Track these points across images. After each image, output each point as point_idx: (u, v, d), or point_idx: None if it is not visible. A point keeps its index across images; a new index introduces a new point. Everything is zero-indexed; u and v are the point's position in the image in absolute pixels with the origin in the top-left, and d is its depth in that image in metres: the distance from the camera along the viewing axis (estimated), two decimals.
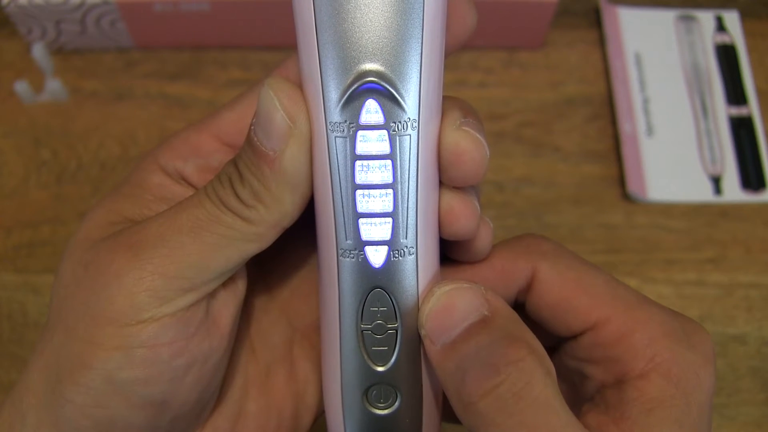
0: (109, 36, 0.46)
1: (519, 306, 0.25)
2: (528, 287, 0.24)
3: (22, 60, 0.47)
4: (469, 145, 0.21)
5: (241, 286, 0.23)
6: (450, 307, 0.21)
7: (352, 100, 0.20)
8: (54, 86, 0.46)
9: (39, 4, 0.43)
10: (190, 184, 0.24)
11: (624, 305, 0.23)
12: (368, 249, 0.21)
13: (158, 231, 0.21)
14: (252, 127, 0.21)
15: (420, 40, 0.19)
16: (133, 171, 0.24)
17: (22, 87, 0.45)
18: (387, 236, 0.21)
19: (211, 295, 0.22)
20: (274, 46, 0.48)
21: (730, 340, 0.41)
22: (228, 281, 0.23)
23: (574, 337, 0.24)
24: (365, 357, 0.23)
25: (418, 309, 0.22)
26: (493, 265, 0.24)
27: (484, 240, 0.24)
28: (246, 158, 0.21)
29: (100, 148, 0.45)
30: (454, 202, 0.22)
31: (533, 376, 0.20)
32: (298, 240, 0.25)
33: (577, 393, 0.24)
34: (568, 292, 0.23)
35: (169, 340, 0.21)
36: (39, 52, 0.46)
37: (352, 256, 0.21)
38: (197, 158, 0.24)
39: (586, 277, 0.23)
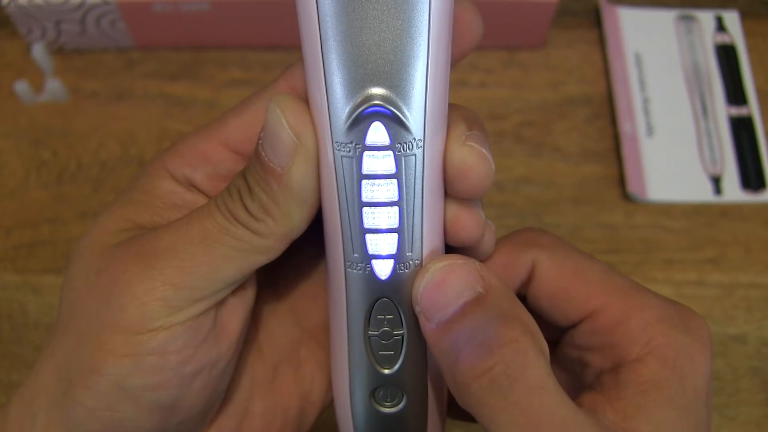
0: (109, 36, 0.46)
1: (520, 299, 0.25)
2: (528, 279, 0.24)
3: (22, 60, 0.47)
4: (475, 161, 0.21)
5: (250, 293, 0.24)
6: (444, 283, 0.21)
7: (358, 122, 0.20)
8: (54, 86, 0.46)
9: (39, 4, 0.43)
10: (200, 191, 0.24)
11: (620, 292, 0.23)
12: (375, 262, 0.22)
13: (169, 242, 0.21)
14: (260, 142, 0.21)
15: (426, 62, 0.19)
16: (141, 176, 0.24)
17: (22, 87, 0.45)
18: (393, 250, 0.21)
19: (221, 303, 0.22)
20: (274, 46, 0.48)
21: (730, 340, 0.41)
22: (237, 289, 0.23)
23: (574, 326, 0.24)
24: (372, 360, 0.23)
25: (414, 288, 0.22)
26: (494, 261, 0.25)
27: (487, 244, 0.24)
28: (254, 172, 0.21)
29: (100, 148, 0.45)
30: (460, 212, 0.22)
31: (527, 357, 0.20)
32: (306, 242, 0.25)
33: (578, 382, 0.25)
34: (566, 282, 0.24)
35: (178, 348, 0.21)
36: (39, 52, 0.46)
37: (359, 268, 0.22)
38: (206, 166, 0.24)
39: (583, 267, 0.24)
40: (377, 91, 0.19)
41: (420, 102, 0.20)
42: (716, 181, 0.45)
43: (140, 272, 0.21)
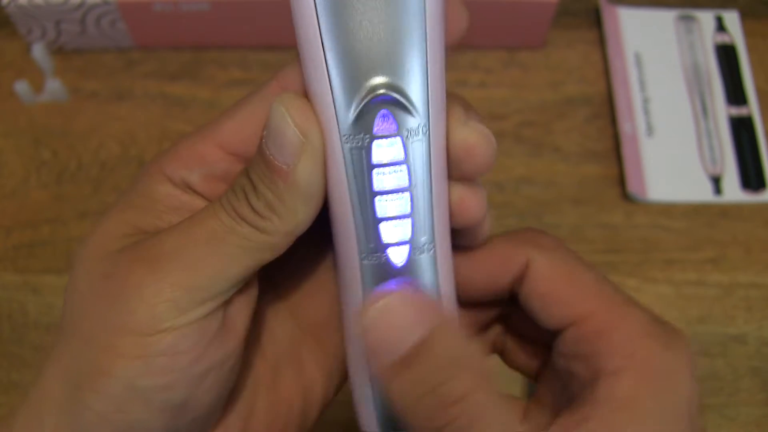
0: (109, 36, 0.46)
1: (513, 296, 0.25)
2: (522, 276, 0.24)
3: (22, 60, 0.47)
4: (479, 139, 0.21)
5: (254, 291, 0.24)
6: (391, 319, 0.21)
7: (365, 113, 0.20)
8: (54, 86, 0.46)
9: (39, 4, 0.43)
10: (197, 193, 0.24)
11: (609, 302, 0.23)
12: (390, 250, 0.22)
13: (174, 244, 0.21)
14: (263, 141, 0.21)
15: (425, 49, 0.20)
16: (139, 180, 0.24)
17: (22, 87, 0.45)
18: (407, 236, 0.22)
19: (227, 302, 0.22)
20: (274, 46, 0.48)
21: (730, 340, 0.41)
22: (242, 287, 0.23)
23: (562, 332, 0.24)
24: None
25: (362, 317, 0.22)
26: (493, 252, 0.25)
27: (486, 227, 0.24)
28: (259, 171, 0.21)
29: (100, 148, 0.45)
30: (464, 193, 0.23)
31: (484, 408, 0.20)
32: (305, 239, 0.25)
33: (568, 393, 0.24)
34: (557, 284, 0.24)
35: (188, 348, 0.21)
36: (39, 52, 0.46)
37: (374, 258, 0.22)
38: (202, 167, 0.24)
39: (577, 272, 0.24)
40: (381, 79, 0.20)
41: (423, 87, 0.20)
42: (716, 181, 0.45)
43: (148, 275, 0.21)
